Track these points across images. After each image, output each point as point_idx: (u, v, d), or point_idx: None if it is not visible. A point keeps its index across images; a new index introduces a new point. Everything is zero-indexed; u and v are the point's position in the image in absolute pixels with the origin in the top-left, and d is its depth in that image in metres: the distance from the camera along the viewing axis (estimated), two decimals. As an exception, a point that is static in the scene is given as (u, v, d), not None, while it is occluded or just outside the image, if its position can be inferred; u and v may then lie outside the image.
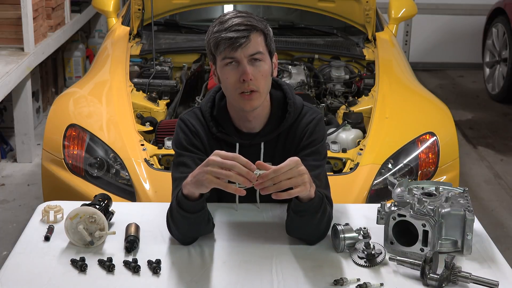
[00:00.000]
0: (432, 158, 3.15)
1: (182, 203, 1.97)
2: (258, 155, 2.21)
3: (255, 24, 2.05)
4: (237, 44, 2.02)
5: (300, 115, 2.22)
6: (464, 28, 7.55)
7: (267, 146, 2.21)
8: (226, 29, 2.03)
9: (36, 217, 2.18)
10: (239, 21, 2.04)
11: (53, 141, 3.17)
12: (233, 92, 2.09)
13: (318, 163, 2.16)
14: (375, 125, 3.29)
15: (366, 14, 4.25)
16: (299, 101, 2.24)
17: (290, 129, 2.21)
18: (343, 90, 3.93)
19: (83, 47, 6.51)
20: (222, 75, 2.10)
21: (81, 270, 1.88)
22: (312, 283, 1.84)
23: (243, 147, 2.20)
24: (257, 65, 2.06)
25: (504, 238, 3.95)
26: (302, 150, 2.18)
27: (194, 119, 2.21)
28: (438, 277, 1.82)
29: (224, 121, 2.20)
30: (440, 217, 1.97)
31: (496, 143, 5.50)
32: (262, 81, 2.08)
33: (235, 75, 2.06)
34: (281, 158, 2.11)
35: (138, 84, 3.76)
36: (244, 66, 2.04)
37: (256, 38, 2.05)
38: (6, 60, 4.49)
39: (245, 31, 2.03)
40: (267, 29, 2.10)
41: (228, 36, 2.02)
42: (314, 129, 2.20)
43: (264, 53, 2.08)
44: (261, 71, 2.07)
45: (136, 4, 4.18)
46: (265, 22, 2.12)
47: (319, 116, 2.23)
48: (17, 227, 3.87)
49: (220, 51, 2.05)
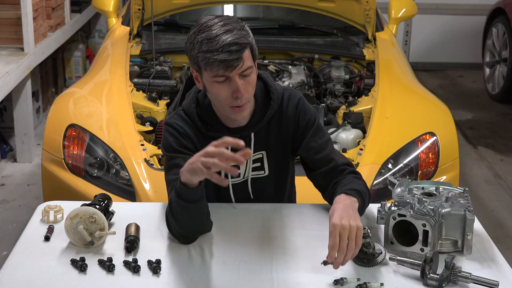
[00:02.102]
0: (432, 158, 3.15)
1: (181, 192, 1.96)
2: (249, 146, 2.21)
3: (244, 42, 2.02)
4: (232, 68, 2.00)
5: (284, 99, 2.25)
6: (464, 28, 7.55)
7: (257, 135, 2.23)
8: (217, 50, 1.99)
9: (36, 217, 2.18)
10: (229, 41, 1.99)
11: (53, 141, 3.18)
12: (224, 105, 2.09)
13: (325, 138, 2.25)
14: (375, 125, 3.29)
15: (366, 14, 4.25)
16: (278, 85, 2.27)
17: (280, 113, 2.24)
18: (343, 90, 3.93)
19: (83, 47, 6.51)
20: (211, 88, 2.08)
21: (81, 270, 1.88)
22: (312, 283, 1.84)
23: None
24: (247, 78, 2.06)
25: (504, 238, 3.95)
26: (304, 133, 2.23)
27: (181, 121, 2.21)
28: (438, 277, 1.82)
29: (211, 120, 2.21)
30: (440, 217, 1.97)
31: (496, 143, 5.50)
32: (252, 90, 2.11)
33: (226, 91, 2.05)
34: (277, 143, 2.23)
35: (138, 84, 3.76)
36: (236, 83, 2.03)
37: (246, 55, 2.04)
38: (6, 60, 4.49)
39: (237, 52, 2.00)
40: (251, 38, 2.07)
41: (221, 59, 1.99)
42: (304, 108, 2.25)
43: (253, 66, 2.08)
44: (251, 82, 2.08)
45: (136, 4, 4.18)
46: (246, 26, 2.08)
47: (300, 94, 2.28)
48: (17, 227, 3.87)
49: (211, 70, 2.02)
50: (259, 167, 2.27)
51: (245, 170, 2.26)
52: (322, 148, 2.23)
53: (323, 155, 2.22)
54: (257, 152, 2.24)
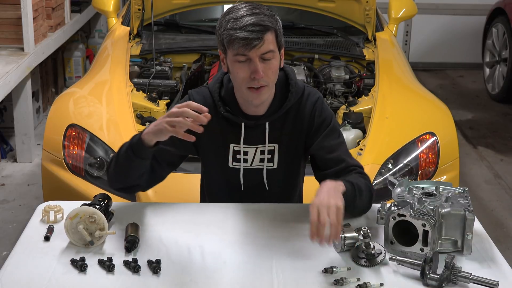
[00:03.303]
0: (432, 158, 3.15)
1: (135, 147, 2.09)
2: (263, 135, 2.27)
3: (268, 24, 2.10)
4: (251, 46, 2.07)
5: (304, 95, 2.29)
6: (464, 28, 7.55)
7: (272, 126, 2.27)
8: (240, 28, 2.07)
9: (36, 217, 2.18)
10: (253, 21, 2.08)
11: (53, 141, 3.18)
12: (242, 86, 2.16)
13: (339, 140, 2.28)
14: (375, 125, 3.29)
15: (366, 14, 4.25)
16: (300, 82, 2.32)
17: (297, 109, 2.28)
18: (343, 90, 3.93)
19: (83, 47, 6.51)
20: (233, 68, 2.15)
21: (81, 270, 1.88)
22: (312, 283, 1.84)
23: (249, 127, 2.26)
24: (268, 62, 2.12)
25: (504, 238, 3.95)
26: (318, 131, 2.26)
27: (201, 97, 2.29)
28: (438, 277, 1.82)
29: (231, 103, 2.27)
30: (440, 217, 1.97)
31: (496, 143, 5.50)
32: (272, 76, 2.16)
33: (246, 71, 2.12)
34: (290, 139, 2.27)
35: (138, 84, 3.76)
36: (256, 64, 2.10)
37: (268, 37, 2.10)
38: (6, 60, 4.49)
39: (259, 32, 2.08)
40: (278, 24, 2.15)
41: (242, 36, 2.07)
42: (321, 107, 2.29)
43: (275, 50, 2.14)
44: (272, 67, 2.14)
45: (136, 4, 4.18)
46: (275, 16, 2.17)
47: (319, 94, 2.33)
48: (17, 227, 3.87)
49: (233, 48, 2.10)
50: (269, 159, 2.30)
51: (253, 158, 2.29)
52: (334, 149, 2.26)
53: (335, 156, 2.25)
54: (270, 144, 2.28)
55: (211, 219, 2.17)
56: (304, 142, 2.31)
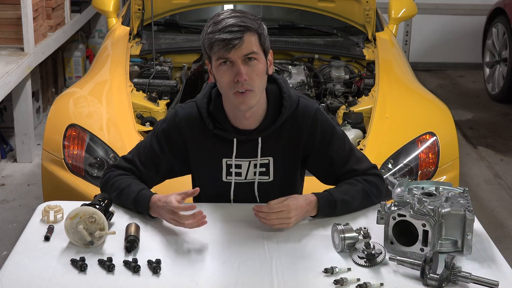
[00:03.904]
0: (432, 158, 3.15)
1: (138, 205, 2.17)
2: (255, 150, 2.23)
3: (248, 25, 2.07)
4: (231, 46, 2.04)
5: (299, 108, 2.23)
6: (464, 28, 7.55)
7: (265, 140, 2.23)
8: (219, 30, 2.05)
9: (36, 217, 2.18)
10: (232, 22, 2.05)
11: (53, 141, 3.17)
12: (227, 91, 2.11)
13: (345, 148, 2.26)
14: (375, 125, 3.29)
15: (366, 14, 4.25)
16: (295, 94, 2.26)
17: (293, 122, 2.23)
18: (343, 90, 3.93)
19: (83, 47, 6.51)
20: (217, 74, 2.12)
21: (81, 270, 1.88)
22: (312, 283, 1.84)
23: (240, 142, 2.22)
24: (252, 64, 2.08)
25: (504, 238, 3.95)
26: (322, 145, 2.24)
27: (187, 113, 2.26)
28: (438, 277, 1.82)
29: (220, 117, 2.22)
30: (440, 217, 1.97)
31: (496, 143, 5.50)
32: (257, 80, 2.10)
33: (229, 75, 2.08)
34: (286, 151, 2.23)
35: (138, 84, 3.76)
36: (238, 66, 2.06)
37: (249, 38, 2.06)
38: (6, 60, 4.49)
39: (238, 32, 2.04)
40: (261, 28, 2.11)
41: (221, 38, 2.04)
42: (321, 121, 2.25)
43: (259, 53, 2.09)
44: (256, 70, 2.09)
45: (136, 4, 4.18)
46: (259, 20, 2.13)
47: (317, 105, 2.28)
48: (17, 227, 3.87)
49: (214, 51, 2.08)
50: (264, 172, 2.26)
51: (246, 171, 2.26)
52: (346, 160, 2.26)
53: (347, 169, 2.26)
54: (264, 157, 2.24)
55: (211, 219, 2.17)
56: (304, 156, 2.28)
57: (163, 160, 2.26)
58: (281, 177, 2.28)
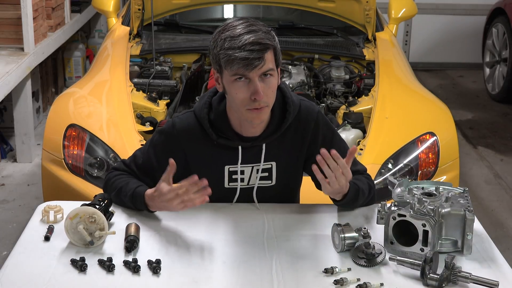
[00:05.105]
0: (432, 158, 3.15)
1: (135, 202, 2.15)
2: (259, 156, 2.22)
3: (267, 42, 2.02)
4: (253, 66, 2.00)
5: (301, 111, 2.23)
6: (464, 28, 7.55)
7: (269, 146, 2.22)
8: (239, 47, 1.99)
9: (36, 217, 2.18)
10: (252, 40, 2.00)
11: (53, 141, 3.17)
12: (241, 107, 2.08)
13: (344, 150, 2.22)
14: (375, 125, 3.29)
15: (366, 14, 4.25)
16: (296, 97, 2.25)
17: (296, 126, 2.22)
18: (343, 90, 3.93)
19: (83, 47, 6.51)
20: (230, 89, 2.07)
21: (81, 270, 1.88)
22: (312, 283, 1.84)
23: (245, 148, 2.21)
24: (267, 81, 2.05)
25: (504, 238, 3.95)
26: (324, 147, 2.17)
27: (185, 125, 2.23)
28: (438, 277, 1.82)
29: (223, 126, 2.20)
30: (440, 217, 1.97)
31: (496, 143, 5.50)
32: (272, 96, 2.09)
33: (245, 92, 2.04)
34: (289, 155, 2.22)
35: (138, 84, 3.76)
36: (256, 85, 2.02)
37: (268, 56, 2.03)
38: (6, 60, 4.49)
39: (259, 51, 2.00)
40: (275, 42, 2.08)
41: (242, 56, 1.99)
42: (323, 122, 2.26)
43: (274, 69, 2.07)
44: (271, 87, 2.07)
45: (136, 4, 4.18)
46: (272, 32, 2.09)
47: (318, 108, 2.28)
48: (17, 227, 3.87)
49: (232, 68, 2.02)
50: (267, 176, 2.26)
51: (249, 176, 2.25)
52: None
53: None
54: (267, 162, 2.23)
55: (211, 219, 2.17)
56: (306, 158, 2.27)
57: (159, 171, 2.18)
58: (284, 181, 2.27)
